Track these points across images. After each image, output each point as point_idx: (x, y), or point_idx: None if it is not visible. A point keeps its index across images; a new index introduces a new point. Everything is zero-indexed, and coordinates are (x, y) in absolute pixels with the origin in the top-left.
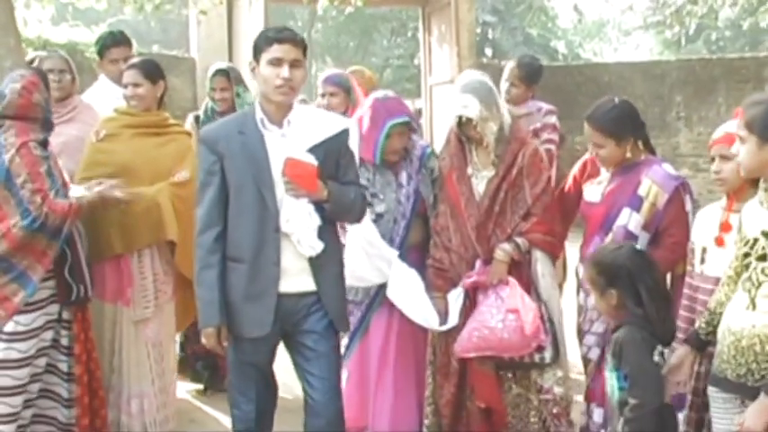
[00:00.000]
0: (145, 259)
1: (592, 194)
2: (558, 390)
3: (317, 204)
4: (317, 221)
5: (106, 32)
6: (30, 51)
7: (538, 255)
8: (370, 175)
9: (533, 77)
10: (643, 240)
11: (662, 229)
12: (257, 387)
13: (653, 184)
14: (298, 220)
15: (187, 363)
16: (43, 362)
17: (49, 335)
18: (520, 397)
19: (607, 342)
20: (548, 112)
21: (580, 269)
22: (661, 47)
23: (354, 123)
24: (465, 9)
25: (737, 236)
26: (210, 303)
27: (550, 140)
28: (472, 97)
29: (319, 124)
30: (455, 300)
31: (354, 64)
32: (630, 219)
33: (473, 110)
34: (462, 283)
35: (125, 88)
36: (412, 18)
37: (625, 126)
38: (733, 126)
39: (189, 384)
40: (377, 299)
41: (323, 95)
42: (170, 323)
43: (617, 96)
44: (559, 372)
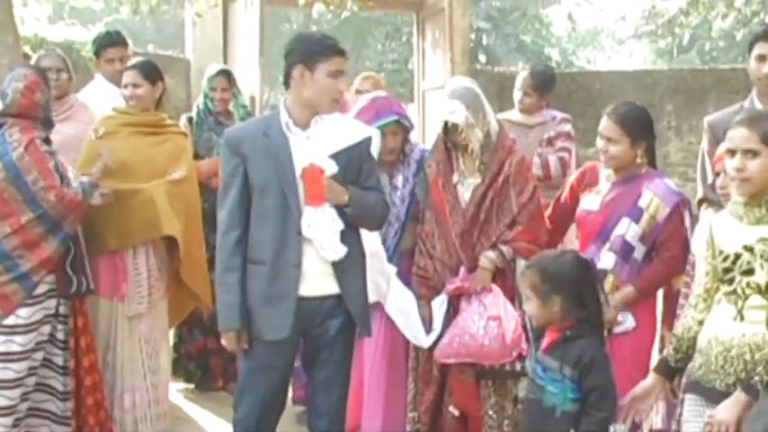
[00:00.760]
0: (140, 255)
1: (590, 203)
2: None
3: (339, 209)
4: (340, 226)
5: (103, 32)
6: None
7: (522, 264)
8: None
9: (547, 86)
10: (639, 252)
11: (659, 243)
12: (265, 391)
13: (654, 197)
14: (320, 225)
15: (180, 363)
16: (40, 356)
17: (47, 329)
18: (497, 405)
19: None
20: (562, 121)
21: None
22: (654, 56)
23: None
24: (459, 15)
25: (707, 252)
26: (232, 307)
27: (565, 149)
28: (459, 103)
29: (343, 131)
30: (438, 307)
31: (349, 68)
32: (629, 229)
33: (459, 116)
34: (445, 290)
35: (124, 88)
36: (406, 23)
37: (644, 128)
38: None
39: (181, 384)
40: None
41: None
42: (163, 320)
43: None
44: None
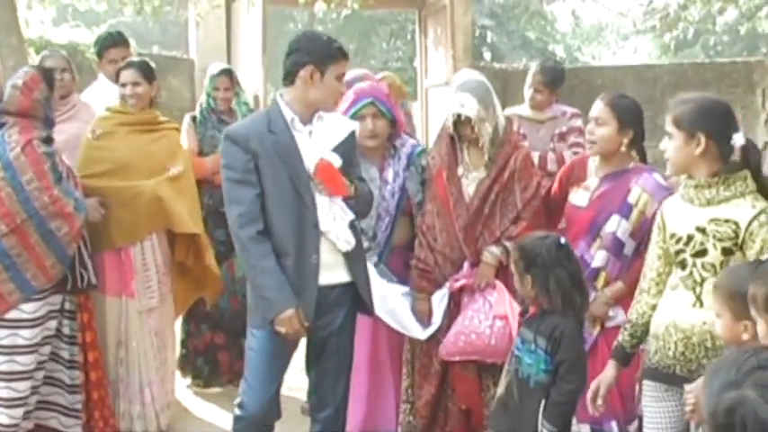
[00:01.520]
0: (147, 251)
1: (578, 199)
2: None
3: (345, 201)
4: (350, 216)
5: (105, 33)
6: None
7: None
8: None
9: (557, 81)
10: (630, 248)
11: (649, 238)
12: (275, 381)
13: (643, 192)
14: (333, 219)
15: (188, 359)
16: (47, 350)
17: (53, 324)
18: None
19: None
20: (573, 116)
21: None
22: (659, 51)
23: None
24: (461, 12)
25: (658, 236)
26: (281, 288)
27: (578, 144)
28: (470, 96)
29: (336, 125)
30: (439, 301)
31: (353, 66)
32: (619, 226)
33: (471, 109)
34: (449, 286)
35: (122, 87)
36: (411, 21)
37: (633, 117)
38: None
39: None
40: None
41: None
42: (170, 312)
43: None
44: None
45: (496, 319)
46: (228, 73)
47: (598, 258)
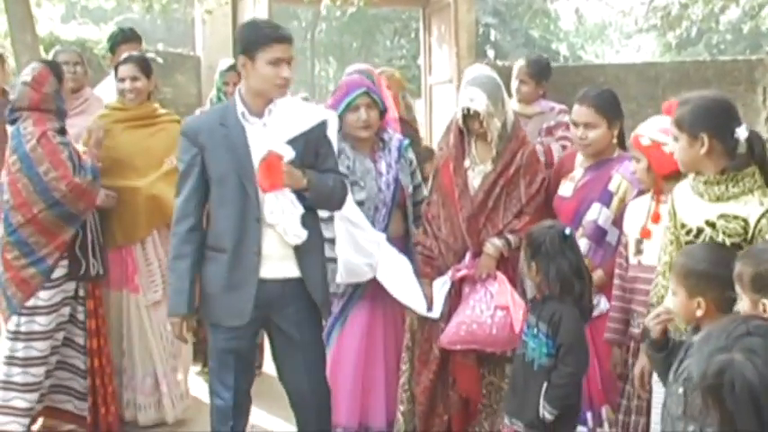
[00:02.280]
0: (148, 247)
1: (564, 190)
2: None
3: (299, 194)
4: (300, 210)
5: (117, 30)
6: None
7: None
8: (350, 163)
9: (542, 74)
10: (613, 236)
11: None
12: (236, 375)
13: (623, 180)
14: (282, 211)
15: (199, 347)
16: (61, 335)
17: (67, 310)
18: (492, 385)
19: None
20: (561, 111)
21: None
22: (662, 49)
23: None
24: (464, 10)
25: (669, 222)
26: (180, 293)
27: (566, 138)
28: (480, 91)
29: (298, 116)
30: (440, 288)
31: (358, 64)
32: (600, 214)
33: (480, 103)
34: (451, 276)
35: (121, 82)
36: (414, 19)
37: (616, 108)
38: (643, 127)
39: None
40: (357, 291)
41: None
42: None
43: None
44: None
45: (498, 309)
46: (236, 69)
47: (580, 246)
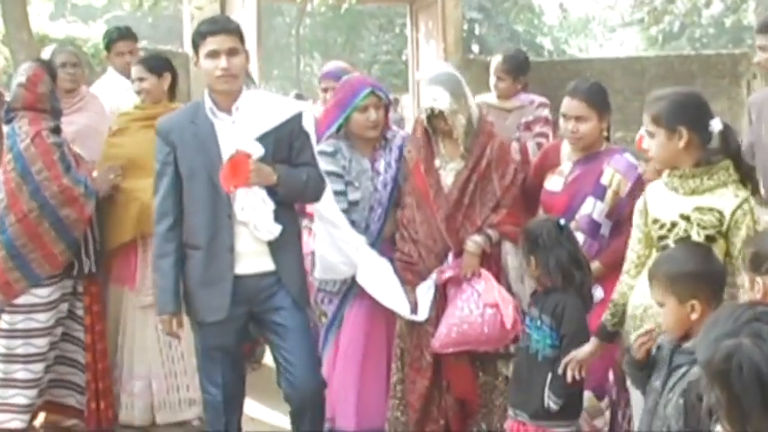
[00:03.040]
0: (149, 248)
1: (553, 184)
2: None
3: (270, 189)
4: (272, 206)
5: (113, 27)
6: None
7: (508, 247)
8: (346, 163)
9: (519, 69)
10: (606, 228)
11: (624, 218)
12: (223, 371)
13: (616, 173)
14: (252, 208)
15: None
16: (59, 331)
17: (65, 306)
18: (486, 384)
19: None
20: (540, 105)
21: None
22: (645, 43)
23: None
24: (451, 6)
25: (639, 220)
26: (165, 291)
27: (542, 134)
28: (442, 89)
29: (270, 111)
30: (425, 293)
31: (342, 60)
32: (595, 208)
33: (443, 102)
34: (436, 278)
35: (133, 83)
36: (399, 15)
37: (606, 101)
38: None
39: None
40: (352, 290)
41: (324, 90)
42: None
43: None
44: None
45: (487, 308)
46: None
47: None
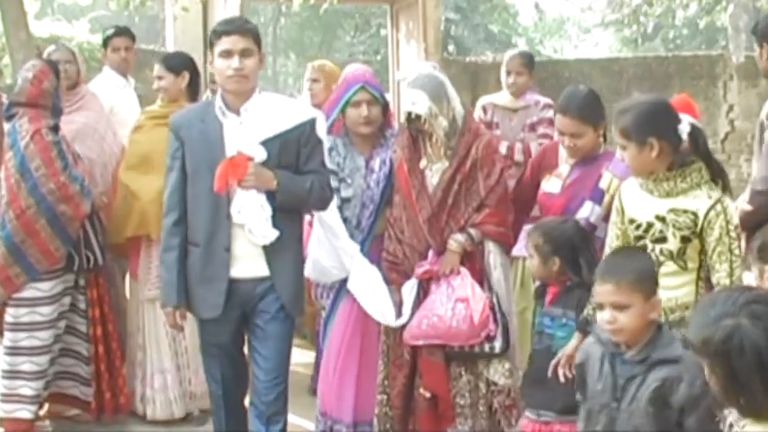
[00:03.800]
0: (153, 245)
1: (551, 186)
2: (506, 382)
3: (270, 194)
4: (269, 211)
5: (112, 26)
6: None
7: (491, 246)
8: (340, 160)
9: (533, 64)
10: (602, 231)
11: None
12: (222, 368)
13: (614, 178)
14: (249, 211)
15: None
16: (63, 324)
17: (68, 300)
18: (469, 384)
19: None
20: (545, 106)
21: None
22: (620, 44)
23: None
24: (432, 6)
25: (617, 218)
26: (169, 284)
27: (546, 135)
28: (421, 93)
29: (279, 114)
30: (409, 292)
31: (318, 59)
32: (593, 212)
33: (422, 107)
34: (415, 273)
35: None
36: (375, 14)
37: (600, 110)
38: None
39: None
40: (345, 285)
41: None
42: None
43: (579, 84)
44: (507, 364)
45: (458, 302)
46: None
47: None
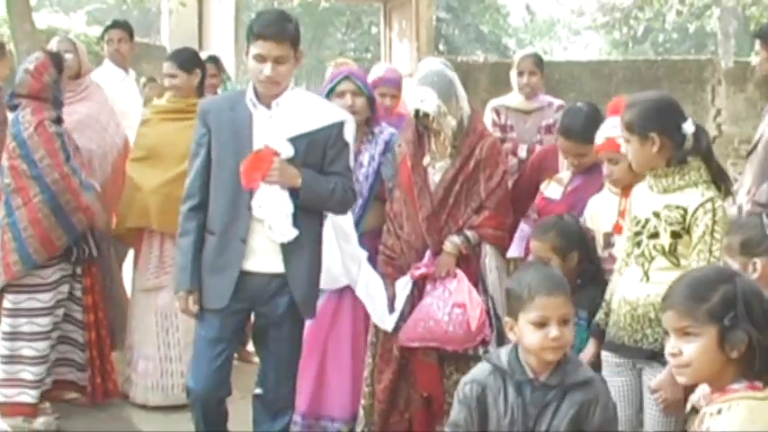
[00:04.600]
0: (155, 237)
1: (551, 191)
2: None
3: (294, 192)
4: (290, 209)
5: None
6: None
7: (488, 249)
8: None
9: (543, 65)
10: None
11: None
12: (212, 363)
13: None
14: (270, 207)
15: None
16: (61, 312)
17: (66, 288)
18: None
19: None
20: (559, 108)
21: None
22: (610, 47)
23: None
24: (424, 6)
25: (629, 219)
26: (183, 269)
27: None
28: (431, 91)
29: (310, 113)
30: (402, 288)
31: (309, 56)
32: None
33: (430, 105)
34: (410, 274)
35: (164, 78)
36: (366, 12)
37: (598, 127)
38: (611, 129)
39: None
40: None
41: (382, 95)
42: None
43: (576, 99)
44: None
45: (455, 307)
46: (214, 60)
47: None
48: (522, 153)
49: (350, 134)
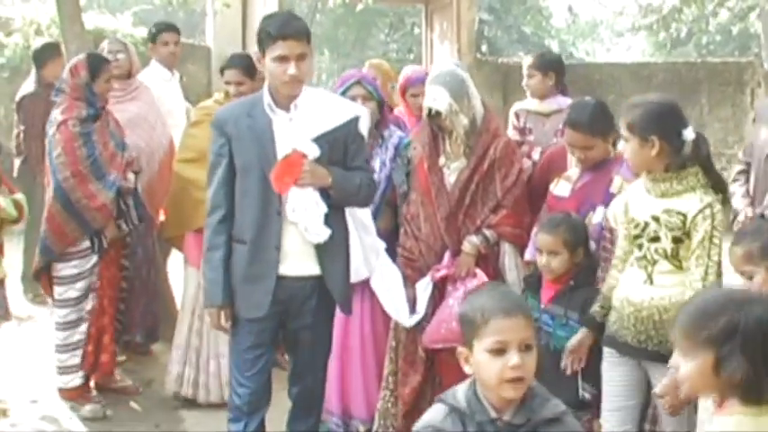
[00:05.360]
0: None
1: (561, 189)
2: None
3: (323, 192)
4: (324, 209)
5: (159, 21)
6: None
7: (506, 248)
8: None
9: (549, 66)
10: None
11: None
12: (254, 372)
13: (624, 183)
14: (304, 209)
15: None
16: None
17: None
18: None
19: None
20: None
21: None
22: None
23: None
24: (465, 8)
25: (624, 219)
26: (215, 283)
27: None
28: (443, 90)
29: (328, 111)
30: (423, 290)
31: (352, 57)
32: (605, 217)
33: (442, 103)
34: (431, 276)
35: (227, 84)
36: (409, 14)
37: (609, 121)
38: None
39: None
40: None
41: (413, 96)
42: None
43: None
44: None
45: None
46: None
47: None
48: (536, 156)
49: (365, 127)
